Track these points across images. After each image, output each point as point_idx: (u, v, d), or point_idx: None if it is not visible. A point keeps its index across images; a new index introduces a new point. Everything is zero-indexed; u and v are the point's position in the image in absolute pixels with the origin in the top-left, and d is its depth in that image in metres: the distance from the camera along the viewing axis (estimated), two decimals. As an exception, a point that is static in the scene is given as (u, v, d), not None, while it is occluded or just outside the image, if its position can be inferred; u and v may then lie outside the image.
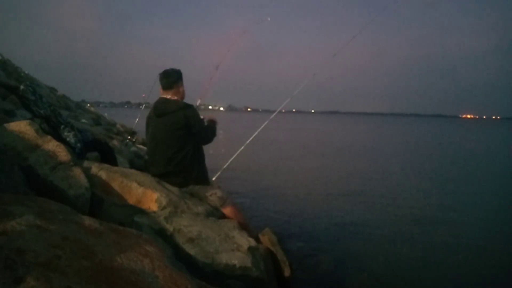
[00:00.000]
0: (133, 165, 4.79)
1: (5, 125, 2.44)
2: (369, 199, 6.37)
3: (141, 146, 7.45)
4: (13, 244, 1.18)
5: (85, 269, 1.21)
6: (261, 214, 4.91)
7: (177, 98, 3.05)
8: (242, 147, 3.83)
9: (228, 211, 2.81)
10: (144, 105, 7.96)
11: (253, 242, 2.29)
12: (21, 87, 3.02)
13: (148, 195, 2.45)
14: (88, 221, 1.61)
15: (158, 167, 2.92)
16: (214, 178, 3.38)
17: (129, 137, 7.39)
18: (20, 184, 1.93)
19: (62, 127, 2.99)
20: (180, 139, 2.88)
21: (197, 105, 4.07)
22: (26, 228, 1.30)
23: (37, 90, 3.06)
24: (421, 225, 4.88)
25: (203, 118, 3.11)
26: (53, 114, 3.00)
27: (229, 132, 19.89)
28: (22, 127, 2.42)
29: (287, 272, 2.53)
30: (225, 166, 3.69)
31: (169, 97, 3.03)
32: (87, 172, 2.42)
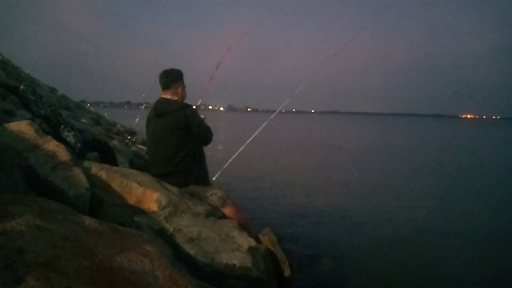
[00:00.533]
0: (133, 165, 4.78)
1: (5, 125, 2.44)
2: (369, 199, 6.37)
3: (141, 146, 7.44)
4: (13, 244, 1.18)
5: (85, 269, 1.21)
6: (261, 214, 4.90)
7: (177, 98, 3.04)
8: (242, 147, 3.82)
9: (228, 211, 2.81)
10: (144, 105, 7.96)
11: (253, 242, 2.28)
12: (21, 87, 3.02)
13: (148, 195, 2.45)
14: (88, 221, 1.61)
15: (158, 167, 2.92)
16: (214, 178, 3.38)
17: (129, 137, 7.38)
18: (20, 184, 1.93)
19: (62, 127, 2.99)
20: (180, 139, 2.88)
21: (197, 105, 4.07)
22: (26, 228, 1.30)
23: (37, 90, 3.06)
24: (421, 225, 4.89)
25: (203, 118, 3.11)
26: (53, 114, 3.00)
27: (229, 132, 19.87)
28: (22, 127, 2.42)
29: (287, 272, 2.53)
30: (225, 166, 3.69)
31: (169, 97, 3.03)
32: (87, 172, 2.42)
